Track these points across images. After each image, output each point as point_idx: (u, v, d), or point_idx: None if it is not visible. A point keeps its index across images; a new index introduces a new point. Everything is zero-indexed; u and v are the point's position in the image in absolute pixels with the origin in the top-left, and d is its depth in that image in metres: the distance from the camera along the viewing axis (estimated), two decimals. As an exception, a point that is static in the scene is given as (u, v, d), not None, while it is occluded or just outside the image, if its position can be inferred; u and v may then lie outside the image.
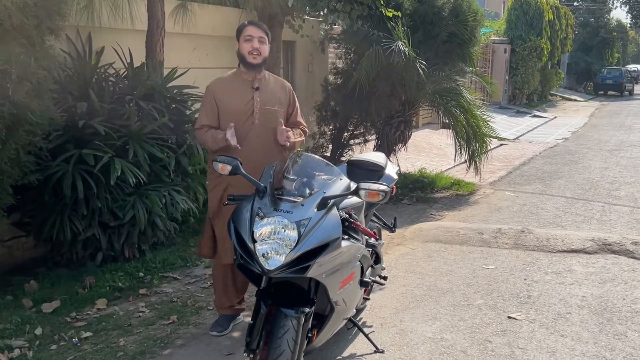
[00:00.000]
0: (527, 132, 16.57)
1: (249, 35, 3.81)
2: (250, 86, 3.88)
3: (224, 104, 3.85)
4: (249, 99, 3.85)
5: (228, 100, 3.85)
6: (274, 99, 3.94)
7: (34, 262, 5.36)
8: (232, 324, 4.17)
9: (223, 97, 3.87)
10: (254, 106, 3.85)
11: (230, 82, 3.94)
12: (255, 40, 3.81)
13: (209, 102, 3.89)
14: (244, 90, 3.87)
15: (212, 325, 4.14)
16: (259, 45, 3.82)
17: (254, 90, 3.87)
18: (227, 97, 3.86)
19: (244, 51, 3.82)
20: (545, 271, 5.41)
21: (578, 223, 7.09)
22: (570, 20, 27.05)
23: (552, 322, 4.35)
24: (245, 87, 3.88)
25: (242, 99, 3.85)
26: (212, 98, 3.88)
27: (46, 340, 4.03)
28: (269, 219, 3.01)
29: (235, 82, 3.92)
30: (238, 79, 3.93)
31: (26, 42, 3.89)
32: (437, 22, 8.28)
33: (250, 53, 3.80)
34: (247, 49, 3.80)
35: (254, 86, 3.88)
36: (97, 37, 5.78)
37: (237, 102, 3.84)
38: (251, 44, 3.80)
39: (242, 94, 3.87)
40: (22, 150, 4.22)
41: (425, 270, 5.45)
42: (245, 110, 3.84)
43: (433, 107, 9.01)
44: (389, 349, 3.94)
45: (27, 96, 3.86)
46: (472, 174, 8.93)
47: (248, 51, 3.80)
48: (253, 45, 3.80)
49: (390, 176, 4.38)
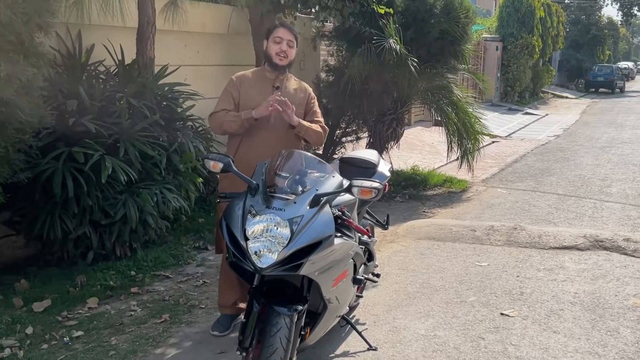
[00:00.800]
0: (519, 130, 16.62)
1: (279, 37, 3.88)
2: (272, 85, 3.95)
3: (245, 97, 3.93)
4: (268, 96, 3.86)
5: (249, 93, 3.93)
6: (293, 100, 3.92)
7: (25, 261, 5.32)
8: (233, 324, 4.12)
9: (245, 89, 3.95)
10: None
11: (254, 77, 4.02)
12: (284, 42, 3.88)
13: (234, 91, 3.96)
14: (265, 88, 3.93)
15: (214, 324, 4.11)
16: (287, 48, 3.89)
17: (274, 89, 3.92)
18: (249, 89, 3.94)
19: (271, 51, 3.89)
20: (538, 268, 5.43)
21: (570, 220, 7.12)
22: (561, 17, 27.14)
23: (545, 319, 4.36)
24: (267, 85, 3.96)
25: (262, 95, 3.88)
26: (237, 87, 3.96)
27: (37, 340, 4.00)
28: (262, 217, 2.99)
29: (258, 78, 4.00)
30: (261, 76, 4.01)
31: (15, 39, 3.84)
32: (428, 20, 8.26)
33: (277, 54, 3.88)
34: (276, 50, 3.87)
35: (275, 85, 3.95)
36: (87, 34, 5.73)
37: (256, 97, 3.88)
38: (280, 46, 3.87)
39: (262, 91, 3.91)
40: (12, 148, 4.18)
41: (418, 267, 5.45)
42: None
43: (425, 104, 9.04)
44: (382, 346, 3.94)
45: (16, 94, 3.82)
46: (465, 171, 8.94)
47: (276, 52, 3.87)
48: (282, 48, 3.87)
49: (383, 173, 4.37)
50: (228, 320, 4.10)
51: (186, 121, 5.99)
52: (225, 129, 3.92)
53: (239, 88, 3.95)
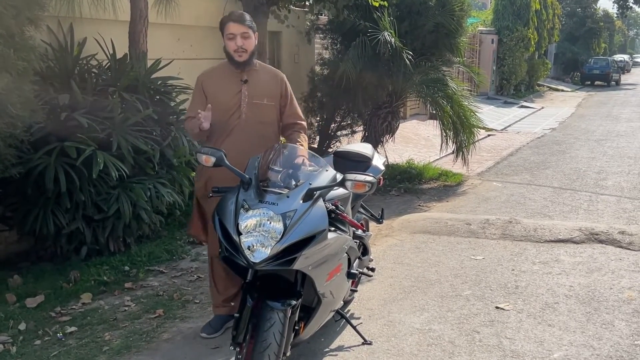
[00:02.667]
0: (515, 123, 16.62)
1: (231, 33, 3.67)
2: (239, 79, 3.76)
3: (212, 96, 3.74)
4: (237, 92, 3.74)
5: (216, 93, 3.75)
6: (263, 92, 3.80)
7: (17, 257, 5.30)
8: (224, 327, 4.00)
9: (211, 89, 3.77)
10: (241, 100, 3.74)
11: (220, 73, 3.84)
12: (238, 37, 3.66)
13: (198, 94, 3.81)
14: (232, 83, 3.76)
15: (204, 326, 4.03)
16: (243, 41, 3.67)
17: (242, 83, 3.75)
18: (216, 89, 3.76)
19: (229, 49, 3.71)
20: (533, 261, 5.42)
21: (565, 213, 7.11)
22: (557, 10, 27.14)
23: (540, 312, 4.35)
24: (234, 79, 3.77)
25: (230, 91, 3.74)
26: (201, 89, 3.79)
27: (30, 336, 3.99)
28: (254, 211, 2.97)
29: (224, 73, 3.81)
30: (227, 71, 3.81)
31: (4, 32, 3.81)
32: (423, 12, 8.25)
33: (235, 52, 3.69)
34: (232, 47, 3.68)
35: (243, 79, 3.76)
36: (79, 27, 5.69)
37: (225, 94, 3.73)
38: (235, 42, 3.67)
39: (230, 87, 3.75)
40: (3, 143, 4.15)
41: (413, 261, 5.44)
42: (232, 104, 3.73)
43: (420, 97, 9.00)
44: (377, 340, 3.93)
45: (6, 88, 3.79)
46: (460, 164, 8.93)
47: (233, 50, 3.68)
48: (237, 43, 3.67)
49: (377, 167, 4.36)
50: (220, 323, 4.00)
51: (179, 115, 5.95)
52: (191, 136, 3.86)
53: (205, 88, 3.79)
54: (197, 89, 3.82)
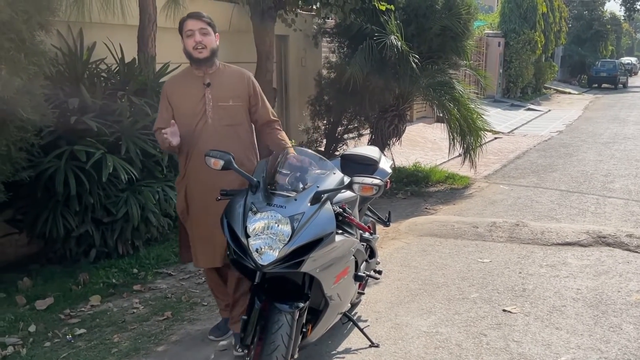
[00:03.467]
0: (522, 126, 16.59)
1: (190, 30, 3.54)
2: (202, 83, 3.61)
3: (177, 106, 3.62)
4: (201, 97, 3.59)
5: (180, 102, 3.62)
6: (228, 93, 3.65)
7: (27, 259, 5.34)
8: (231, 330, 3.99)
9: (175, 98, 3.64)
10: (206, 104, 3.59)
11: (182, 81, 3.70)
12: (196, 33, 3.54)
13: (164, 105, 3.68)
14: (195, 89, 3.61)
15: (212, 329, 4.05)
16: (201, 37, 3.54)
17: (205, 87, 3.60)
18: (179, 98, 3.62)
19: (188, 47, 3.55)
20: (540, 264, 5.42)
21: (573, 216, 7.10)
22: (563, 13, 27.08)
23: (547, 315, 4.36)
24: (196, 84, 3.62)
25: (194, 98, 3.60)
26: (166, 100, 3.66)
27: (40, 337, 4.02)
28: (262, 214, 2.99)
29: (187, 80, 3.67)
30: (190, 77, 3.67)
31: (16, 37, 3.85)
32: (430, 15, 8.27)
33: (195, 48, 3.54)
34: (191, 44, 3.54)
35: (205, 82, 3.61)
36: (89, 32, 5.73)
37: (189, 102, 3.59)
38: (193, 39, 3.53)
39: (193, 93, 3.61)
40: (14, 146, 4.20)
41: (420, 264, 5.44)
42: (198, 110, 3.59)
43: (427, 100, 9.01)
44: (384, 343, 3.94)
45: (17, 92, 3.84)
46: (467, 167, 8.93)
47: (192, 47, 3.54)
48: (195, 39, 3.53)
49: (384, 170, 4.37)
50: (227, 325, 3.99)
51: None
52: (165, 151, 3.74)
53: (169, 97, 3.64)
54: (163, 100, 3.69)
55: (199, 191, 3.64)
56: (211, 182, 3.54)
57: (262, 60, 7.62)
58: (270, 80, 7.76)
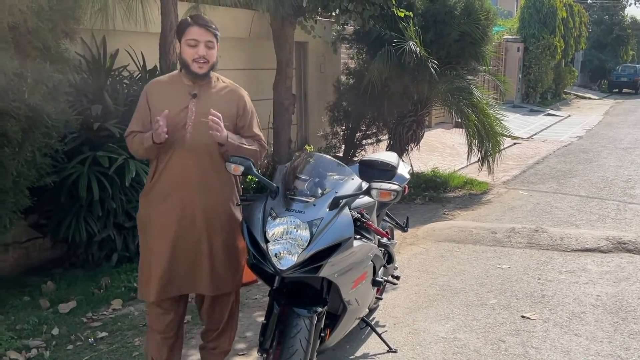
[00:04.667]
0: (541, 131, 16.48)
1: (194, 39, 3.07)
2: (188, 92, 3.17)
3: (156, 110, 3.12)
4: (184, 107, 3.14)
5: (161, 106, 3.11)
6: (215, 107, 3.14)
7: (51, 263, 5.42)
8: None
9: (156, 102, 3.17)
10: (187, 117, 3.13)
11: (167, 86, 3.24)
12: (201, 45, 3.07)
13: (142, 106, 3.22)
14: (180, 97, 3.16)
15: None
16: (206, 51, 3.09)
17: (191, 98, 3.15)
18: (161, 102, 3.15)
19: (187, 57, 3.09)
20: (560, 270, 5.39)
21: (592, 222, 7.05)
22: (583, 17, 26.85)
23: (567, 322, 4.34)
24: (182, 92, 3.18)
25: (176, 106, 3.13)
26: (145, 101, 3.20)
27: (63, 340, 4.09)
28: (282, 219, 3.01)
29: (172, 86, 3.22)
30: (177, 82, 3.23)
31: (41, 45, 3.94)
32: (448, 21, 8.27)
33: (195, 61, 3.08)
34: (192, 55, 3.07)
35: (191, 93, 3.16)
36: (111, 40, 5.83)
37: (170, 109, 3.09)
38: (196, 50, 3.06)
39: (176, 100, 3.15)
40: (38, 152, 4.28)
41: (438, 269, 5.45)
42: (177, 121, 3.10)
43: (445, 106, 9.03)
44: (402, 348, 3.95)
45: (42, 99, 3.92)
46: (485, 173, 8.91)
47: (193, 59, 3.08)
48: (199, 52, 3.07)
49: (402, 176, 4.39)
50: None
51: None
52: (139, 154, 3.22)
53: (149, 99, 3.18)
54: (142, 101, 3.23)
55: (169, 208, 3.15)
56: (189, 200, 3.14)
57: (281, 67, 7.69)
58: (289, 87, 7.82)
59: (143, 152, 3.17)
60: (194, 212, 3.13)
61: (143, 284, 3.23)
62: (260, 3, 6.36)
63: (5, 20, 3.54)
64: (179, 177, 3.14)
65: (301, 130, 9.80)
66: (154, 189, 3.18)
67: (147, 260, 3.19)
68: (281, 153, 7.80)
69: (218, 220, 3.20)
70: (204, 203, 3.16)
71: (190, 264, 3.16)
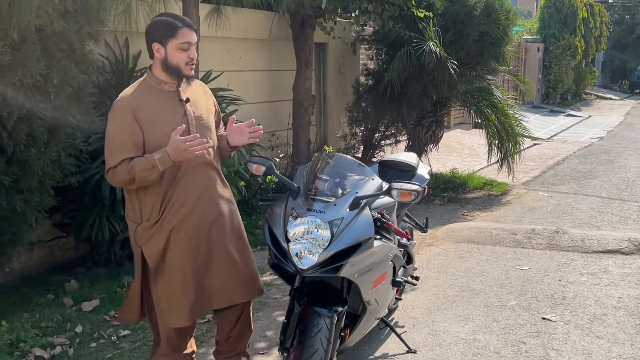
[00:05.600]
0: (561, 132, 16.34)
1: (187, 42, 2.88)
2: (177, 98, 2.96)
3: (151, 129, 2.85)
4: (181, 115, 2.94)
5: (156, 121, 2.87)
6: (203, 107, 3.08)
7: (74, 262, 5.50)
8: None
9: (148, 118, 2.85)
10: (189, 124, 2.94)
11: (149, 96, 2.92)
12: (192, 48, 2.92)
13: (130, 127, 2.81)
14: (171, 106, 2.94)
15: None
16: (194, 54, 2.95)
17: (184, 103, 2.96)
18: (154, 116, 2.87)
19: (179, 62, 2.88)
20: (581, 272, 5.36)
21: (614, 223, 6.99)
22: (604, 17, 26.56)
23: (588, 324, 4.31)
24: (170, 101, 2.95)
25: (172, 115, 2.92)
26: (132, 121, 2.82)
27: (86, 338, 4.15)
28: (302, 219, 3.03)
29: (156, 96, 2.93)
30: (156, 92, 2.94)
31: (67, 47, 4.00)
32: (468, 22, 8.25)
33: (187, 64, 2.91)
34: (185, 59, 2.89)
35: (183, 98, 2.96)
36: (134, 41, 5.90)
37: (166, 123, 2.86)
38: (188, 54, 2.90)
39: (169, 110, 2.93)
40: (63, 152, 4.34)
41: (457, 270, 5.44)
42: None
43: (465, 106, 9.00)
44: (421, 349, 3.96)
45: (68, 100, 3.98)
46: (505, 174, 8.87)
47: (185, 62, 2.90)
48: (191, 55, 2.91)
49: (422, 176, 4.39)
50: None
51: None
52: (141, 185, 2.87)
53: (138, 117, 2.83)
54: (127, 121, 2.81)
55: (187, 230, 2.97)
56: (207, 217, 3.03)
57: (301, 68, 7.73)
58: (309, 88, 7.86)
59: (152, 177, 2.82)
60: (216, 225, 3.06)
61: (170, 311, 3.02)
62: (280, 4, 6.40)
63: (32, 22, 3.60)
64: (196, 191, 2.98)
65: (320, 131, 9.83)
66: (169, 215, 2.93)
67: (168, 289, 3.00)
68: (300, 153, 7.84)
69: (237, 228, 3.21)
70: (222, 213, 3.11)
71: (220, 278, 3.10)
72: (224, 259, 3.10)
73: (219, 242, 3.07)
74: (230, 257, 3.12)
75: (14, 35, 3.57)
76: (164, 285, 3.00)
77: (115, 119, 2.85)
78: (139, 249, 3.02)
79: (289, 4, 6.28)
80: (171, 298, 3.00)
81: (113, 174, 2.85)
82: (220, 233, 3.08)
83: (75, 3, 3.91)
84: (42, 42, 3.78)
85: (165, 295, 3.01)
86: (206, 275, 3.05)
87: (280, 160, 7.63)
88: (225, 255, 3.10)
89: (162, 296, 3.02)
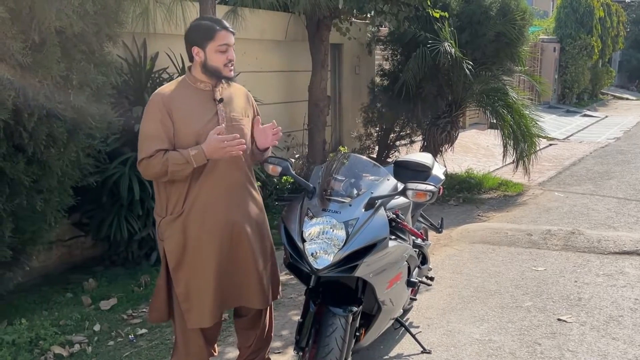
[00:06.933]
0: (577, 132, 16.23)
1: (226, 44, 2.98)
2: (211, 98, 3.04)
3: (182, 126, 2.94)
4: (212, 114, 3.02)
5: (188, 118, 2.96)
6: (239, 110, 3.15)
7: (92, 261, 5.57)
8: None
9: (181, 114, 2.95)
10: (220, 123, 3.00)
11: (184, 94, 3.02)
12: (231, 50, 3.02)
13: (162, 122, 2.92)
14: (204, 104, 3.03)
15: None
16: (233, 55, 3.05)
17: (217, 103, 3.04)
18: (187, 113, 2.97)
19: (218, 64, 2.98)
20: (597, 273, 5.33)
21: (630, 224, 6.94)
22: (621, 17, 26.31)
23: (604, 325, 4.30)
24: (204, 100, 3.03)
25: (204, 115, 3.00)
26: (166, 115, 2.92)
27: (104, 336, 4.21)
28: (318, 219, 3.05)
29: (189, 94, 3.03)
30: (191, 91, 3.04)
31: (86, 49, 4.05)
32: (484, 22, 8.24)
33: (225, 66, 3.00)
34: (223, 61, 2.99)
35: (217, 98, 3.05)
36: (152, 43, 5.97)
37: (197, 121, 2.96)
38: (227, 55, 2.99)
39: (203, 109, 3.01)
40: (82, 153, 4.39)
41: (472, 271, 5.44)
42: (208, 130, 2.92)
43: (480, 107, 8.98)
44: (436, 349, 3.97)
45: (87, 101, 4.03)
46: (521, 174, 8.83)
47: (224, 64, 2.99)
48: (229, 56, 3.01)
49: (437, 177, 4.40)
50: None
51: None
52: (173, 178, 2.94)
53: (170, 112, 2.93)
54: (159, 114, 2.93)
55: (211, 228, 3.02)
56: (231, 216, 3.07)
57: (317, 69, 7.76)
58: (324, 88, 7.88)
59: (185, 172, 2.91)
60: (239, 225, 3.10)
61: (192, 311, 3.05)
62: (297, 5, 6.43)
63: (52, 24, 3.65)
64: (222, 190, 3.04)
65: (335, 131, 9.85)
66: (192, 210, 2.98)
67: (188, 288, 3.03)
68: (316, 154, 7.87)
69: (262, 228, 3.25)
70: (249, 216, 3.15)
71: (240, 278, 3.14)
72: (247, 263, 3.14)
73: (243, 245, 3.11)
74: (254, 262, 3.16)
75: (35, 37, 3.62)
76: (185, 284, 3.04)
77: (150, 112, 2.96)
78: (162, 243, 3.07)
79: (306, 4, 6.30)
80: (192, 297, 3.03)
81: (147, 164, 2.90)
82: (245, 236, 3.11)
83: (94, 5, 3.95)
84: (62, 43, 3.83)
85: (185, 294, 3.04)
86: (229, 276, 3.09)
87: (296, 161, 7.66)
88: (248, 260, 3.14)
89: (182, 295, 3.05)
